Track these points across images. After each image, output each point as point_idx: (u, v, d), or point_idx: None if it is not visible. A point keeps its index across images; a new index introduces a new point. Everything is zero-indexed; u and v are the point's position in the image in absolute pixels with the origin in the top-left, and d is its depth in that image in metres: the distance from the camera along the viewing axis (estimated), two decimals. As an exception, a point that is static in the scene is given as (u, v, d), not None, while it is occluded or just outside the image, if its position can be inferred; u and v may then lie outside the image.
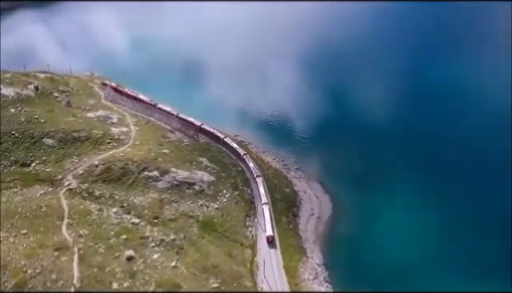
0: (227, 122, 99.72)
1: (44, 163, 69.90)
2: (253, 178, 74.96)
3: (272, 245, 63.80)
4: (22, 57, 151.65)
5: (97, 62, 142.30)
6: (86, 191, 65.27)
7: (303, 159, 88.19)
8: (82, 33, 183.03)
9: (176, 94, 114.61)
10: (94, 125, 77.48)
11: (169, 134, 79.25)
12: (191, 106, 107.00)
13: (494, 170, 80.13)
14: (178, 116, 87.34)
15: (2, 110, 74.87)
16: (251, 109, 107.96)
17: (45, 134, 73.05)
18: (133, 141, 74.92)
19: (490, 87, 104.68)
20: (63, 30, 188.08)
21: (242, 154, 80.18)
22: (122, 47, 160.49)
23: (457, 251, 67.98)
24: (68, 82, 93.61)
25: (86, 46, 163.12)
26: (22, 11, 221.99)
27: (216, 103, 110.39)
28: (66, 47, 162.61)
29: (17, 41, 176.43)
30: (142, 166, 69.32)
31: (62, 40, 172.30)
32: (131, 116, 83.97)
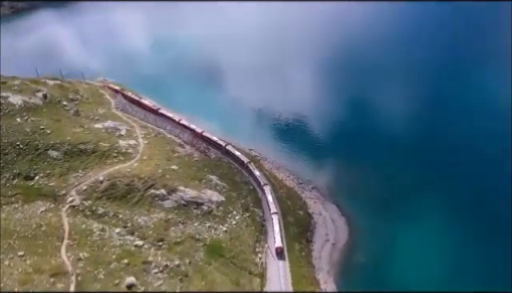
0: (242, 132, 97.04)
1: (48, 177, 67.62)
2: (260, 187, 72.62)
3: (281, 256, 61.72)
4: (40, 59, 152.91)
5: (115, 65, 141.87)
6: (88, 209, 62.66)
7: (319, 177, 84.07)
8: (102, 34, 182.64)
9: (192, 99, 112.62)
10: (101, 137, 74.98)
11: (178, 149, 76.24)
12: (206, 113, 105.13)
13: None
14: (190, 128, 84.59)
15: (9, 119, 73.08)
16: (268, 117, 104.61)
17: (50, 145, 70.84)
18: (140, 155, 72.10)
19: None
20: (83, 30, 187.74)
21: (246, 162, 77.37)
22: (141, 49, 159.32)
23: (480, 282, 63.45)
24: (78, 89, 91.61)
25: (106, 48, 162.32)
26: (42, 11, 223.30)
27: (232, 111, 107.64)
28: (85, 49, 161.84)
29: (36, 42, 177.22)
30: (149, 184, 66.40)
31: (81, 41, 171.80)
32: (140, 128, 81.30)
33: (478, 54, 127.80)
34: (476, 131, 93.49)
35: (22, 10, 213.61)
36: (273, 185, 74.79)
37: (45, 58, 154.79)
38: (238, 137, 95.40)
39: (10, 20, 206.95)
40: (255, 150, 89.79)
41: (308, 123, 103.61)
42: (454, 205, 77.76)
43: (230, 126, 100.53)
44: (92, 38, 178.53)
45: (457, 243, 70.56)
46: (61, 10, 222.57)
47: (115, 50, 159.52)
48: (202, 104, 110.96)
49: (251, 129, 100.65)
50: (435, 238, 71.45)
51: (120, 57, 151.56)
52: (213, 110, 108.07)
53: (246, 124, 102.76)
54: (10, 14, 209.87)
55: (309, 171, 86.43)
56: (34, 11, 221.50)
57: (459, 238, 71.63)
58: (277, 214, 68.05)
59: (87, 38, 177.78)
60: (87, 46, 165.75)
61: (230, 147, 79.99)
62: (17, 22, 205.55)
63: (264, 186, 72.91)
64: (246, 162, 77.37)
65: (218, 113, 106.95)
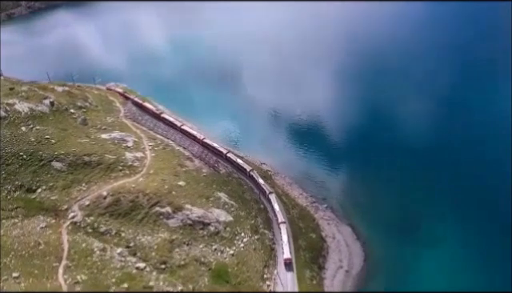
0: (256, 142, 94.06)
1: (50, 190, 65.49)
2: (265, 197, 70.81)
3: (289, 268, 59.96)
4: (53, 59, 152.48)
5: (129, 67, 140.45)
6: (90, 226, 60.21)
7: (334, 195, 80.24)
8: (118, 34, 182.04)
9: (204, 104, 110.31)
10: (107, 148, 72.61)
11: (186, 163, 73.37)
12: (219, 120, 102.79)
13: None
14: (204, 142, 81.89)
15: (13, 128, 71.28)
16: (283, 125, 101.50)
17: (54, 156, 68.76)
18: (147, 169, 69.43)
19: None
20: (99, 31, 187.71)
21: (249, 171, 75.23)
22: (157, 50, 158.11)
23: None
24: (87, 96, 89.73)
25: (121, 50, 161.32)
26: (58, 11, 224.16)
27: (247, 118, 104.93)
28: (100, 50, 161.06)
29: (51, 42, 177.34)
30: (154, 201, 63.65)
31: (97, 42, 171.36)
32: (148, 139, 78.73)
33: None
34: (503, 146, 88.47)
35: (39, 9, 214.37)
36: (284, 204, 71.44)
37: (59, 58, 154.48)
38: (252, 148, 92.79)
39: (27, 19, 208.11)
40: (267, 164, 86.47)
41: (324, 134, 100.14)
42: (478, 229, 73.31)
43: (243, 135, 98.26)
44: (108, 38, 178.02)
45: (480, 273, 66.11)
46: (77, 10, 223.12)
47: (130, 52, 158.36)
48: (214, 109, 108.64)
49: (265, 139, 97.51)
50: (458, 265, 67.23)
51: (135, 59, 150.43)
52: (226, 117, 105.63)
53: (261, 133, 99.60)
54: (27, 14, 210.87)
55: (323, 188, 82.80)
56: (50, 11, 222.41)
57: (483, 267, 67.28)
58: (285, 223, 66.41)
59: (103, 38, 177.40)
60: (102, 48, 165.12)
61: (230, 155, 77.00)
62: (33, 22, 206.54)
63: (269, 195, 70.98)
64: (249, 170, 75.84)
65: (232, 120, 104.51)
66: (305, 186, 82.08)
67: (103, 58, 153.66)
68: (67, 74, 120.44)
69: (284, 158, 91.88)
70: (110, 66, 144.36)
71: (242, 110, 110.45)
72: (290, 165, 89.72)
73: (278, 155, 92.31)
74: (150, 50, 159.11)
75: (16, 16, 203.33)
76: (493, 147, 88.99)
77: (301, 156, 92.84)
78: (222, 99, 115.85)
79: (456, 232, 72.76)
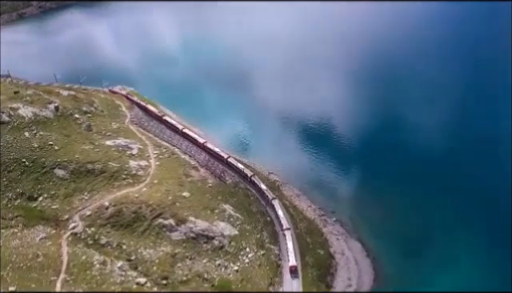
0: (264, 149, 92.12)
1: (52, 198, 64.29)
2: (269, 203, 69.55)
3: (295, 275, 58.61)
4: (63, 60, 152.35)
5: (139, 69, 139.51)
6: (91, 238, 58.75)
7: (343, 209, 77.72)
8: (129, 35, 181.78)
9: (214, 109, 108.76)
10: (111, 155, 71.23)
11: (192, 172, 71.62)
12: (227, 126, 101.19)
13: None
14: (205, 147, 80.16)
15: (17, 133, 70.28)
16: (293, 131, 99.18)
17: (57, 163, 67.54)
18: (151, 178, 67.82)
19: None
20: (110, 32, 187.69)
21: (250, 176, 73.67)
22: (168, 51, 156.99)
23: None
24: (93, 100, 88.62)
25: (131, 51, 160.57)
26: (69, 11, 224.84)
27: (256, 125, 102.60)
28: (110, 51, 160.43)
29: (61, 42, 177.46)
30: (157, 212, 61.97)
31: (107, 43, 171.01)
32: (154, 146, 77.18)
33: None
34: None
35: (50, 9, 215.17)
36: (292, 217, 69.23)
37: (68, 59, 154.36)
38: (261, 155, 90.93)
39: (38, 19, 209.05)
40: (275, 174, 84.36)
41: (335, 140, 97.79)
42: (494, 245, 70.18)
43: (253, 140, 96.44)
44: (118, 39, 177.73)
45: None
46: (88, 10, 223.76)
47: (141, 53, 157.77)
48: (224, 113, 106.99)
49: (275, 145, 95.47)
50: (473, 285, 64.29)
51: (145, 60, 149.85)
52: (235, 121, 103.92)
53: (270, 139, 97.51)
54: (38, 14, 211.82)
55: (332, 200, 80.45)
56: (61, 11, 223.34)
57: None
58: (289, 229, 64.96)
59: (113, 39, 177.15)
60: (112, 49, 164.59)
61: (231, 160, 75.19)
62: (44, 22, 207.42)
63: (272, 201, 69.53)
64: (250, 175, 74.42)
65: (241, 125, 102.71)
66: (313, 198, 79.62)
67: (113, 59, 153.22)
68: (76, 76, 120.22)
69: (293, 166, 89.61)
70: (120, 67, 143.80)
71: (252, 114, 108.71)
72: (298, 174, 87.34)
73: (287, 163, 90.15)
74: (160, 51, 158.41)
75: (27, 16, 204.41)
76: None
77: (310, 164, 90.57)
78: (232, 102, 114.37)
79: (472, 249, 69.83)
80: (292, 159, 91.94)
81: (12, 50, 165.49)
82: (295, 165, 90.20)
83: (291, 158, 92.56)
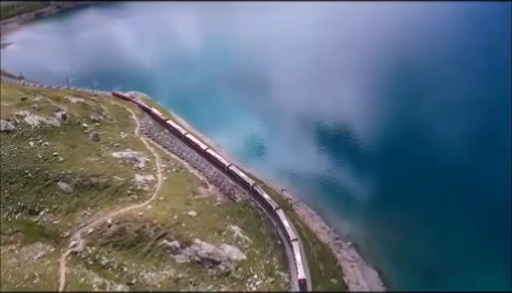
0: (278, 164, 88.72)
1: (53, 213, 62.15)
2: (271, 212, 67.04)
3: (304, 288, 56.18)
4: (78, 62, 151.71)
5: (154, 72, 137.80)
6: (91, 258, 56.30)
7: (360, 231, 73.73)
8: (147, 36, 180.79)
9: (228, 117, 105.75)
10: (116, 169, 68.86)
11: (200, 189, 68.69)
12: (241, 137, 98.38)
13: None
14: (216, 161, 77.46)
15: (21, 142, 68.71)
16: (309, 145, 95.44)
17: (60, 176, 65.47)
18: (156, 195, 65.19)
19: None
20: (128, 33, 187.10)
21: (252, 185, 71.78)
22: (186, 53, 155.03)
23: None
24: (102, 108, 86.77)
25: (148, 53, 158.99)
26: (88, 11, 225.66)
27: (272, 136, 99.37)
28: (127, 53, 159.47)
29: (77, 43, 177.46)
30: (161, 232, 59.24)
31: (124, 45, 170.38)
32: (162, 159, 74.58)
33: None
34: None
35: (68, 9, 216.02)
36: (304, 241, 65.71)
37: (83, 61, 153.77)
38: (274, 168, 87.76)
39: (56, 19, 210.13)
40: (288, 191, 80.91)
41: (353, 155, 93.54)
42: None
43: (268, 152, 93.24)
44: (135, 40, 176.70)
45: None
46: (107, 11, 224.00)
47: (158, 56, 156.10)
48: (239, 123, 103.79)
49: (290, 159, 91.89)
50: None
51: (162, 64, 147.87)
52: (251, 131, 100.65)
53: (286, 151, 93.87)
54: (56, 13, 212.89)
55: (348, 221, 76.49)
56: (79, 11, 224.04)
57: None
58: (297, 240, 62.99)
59: (130, 41, 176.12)
60: (128, 51, 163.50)
61: (258, 188, 71.64)
62: (62, 22, 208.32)
63: (276, 210, 67.45)
64: (252, 184, 71.88)
65: (257, 135, 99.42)
66: (328, 218, 75.86)
67: (128, 61, 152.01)
68: (90, 79, 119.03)
69: (308, 181, 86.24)
70: (134, 70, 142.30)
71: (269, 122, 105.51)
72: (313, 190, 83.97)
73: (302, 178, 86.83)
74: (177, 54, 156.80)
75: (45, 15, 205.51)
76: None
77: (326, 180, 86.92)
78: (249, 110, 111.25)
79: (501, 278, 65.07)
80: (307, 173, 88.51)
81: (28, 50, 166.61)
82: (310, 180, 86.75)
83: (306, 171, 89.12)
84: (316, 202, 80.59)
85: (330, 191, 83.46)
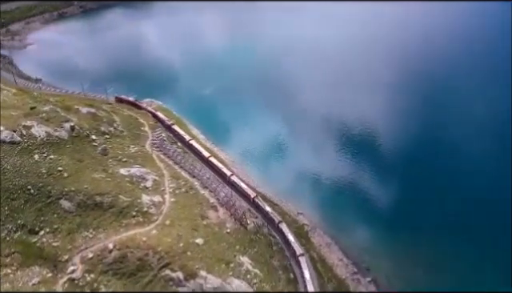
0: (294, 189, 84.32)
1: (54, 233, 59.24)
2: (285, 241, 64.42)
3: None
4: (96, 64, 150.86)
5: (177, 80, 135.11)
6: (89, 286, 53.16)
7: (380, 264, 68.80)
8: (169, 38, 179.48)
9: (246, 129, 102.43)
10: (122, 187, 65.75)
11: (209, 213, 64.90)
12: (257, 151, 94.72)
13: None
14: (230, 181, 73.77)
15: (26, 155, 66.18)
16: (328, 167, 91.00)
17: (64, 193, 62.63)
18: (163, 218, 61.72)
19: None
20: (150, 35, 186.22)
21: (253, 197, 69.77)
22: (210, 57, 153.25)
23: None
24: (114, 119, 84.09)
25: (170, 57, 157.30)
26: (111, 11, 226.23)
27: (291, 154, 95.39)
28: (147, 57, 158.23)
29: (97, 45, 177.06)
30: (165, 261, 55.65)
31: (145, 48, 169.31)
32: (171, 178, 71.13)
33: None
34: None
35: (91, 9, 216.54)
36: (319, 275, 61.29)
37: (102, 64, 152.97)
38: (290, 189, 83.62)
39: (79, 19, 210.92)
40: (305, 215, 76.49)
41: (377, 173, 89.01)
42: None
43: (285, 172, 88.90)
44: (158, 43, 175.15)
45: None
46: (131, 12, 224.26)
47: (180, 59, 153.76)
48: (257, 137, 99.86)
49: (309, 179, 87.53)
50: None
51: (183, 68, 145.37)
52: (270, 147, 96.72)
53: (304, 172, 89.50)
54: (79, 14, 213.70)
55: (368, 252, 71.61)
56: (103, 11, 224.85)
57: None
58: (303, 255, 60.80)
59: (153, 43, 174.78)
60: (151, 53, 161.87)
61: (274, 215, 67.50)
62: (84, 22, 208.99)
63: (299, 257, 63.01)
64: (253, 196, 70.63)
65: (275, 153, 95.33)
66: (347, 248, 71.31)
67: (149, 65, 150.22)
68: (107, 82, 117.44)
69: (326, 203, 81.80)
70: (154, 75, 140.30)
71: (291, 136, 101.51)
72: (331, 215, 79.43)
73: (320, 200, 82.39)
74: (200, 58, 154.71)
75: (68, 15, 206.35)
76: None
77: (346, 205, 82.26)
78: (269, 120, 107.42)
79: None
80: (327, 195, 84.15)
81: (49, 51, 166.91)
82: (329, 202, 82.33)
83: (326, 193, 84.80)
84: (334, 229, 76.24)
85: (350, 216, 78.97)
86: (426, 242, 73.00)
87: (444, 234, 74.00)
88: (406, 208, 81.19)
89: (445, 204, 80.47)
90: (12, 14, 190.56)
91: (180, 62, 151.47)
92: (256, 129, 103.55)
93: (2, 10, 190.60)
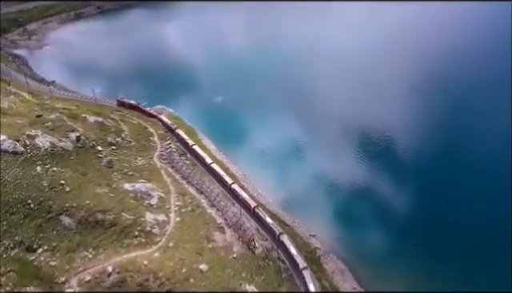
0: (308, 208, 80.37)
1: (52, 252, 56.98)
2: (295, 267, 60.65)
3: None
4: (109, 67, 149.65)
5: (192, 85, 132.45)
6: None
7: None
8: (187, 40, 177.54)
9: (263, 140, 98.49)
10: (126, 204, 63.24)
11: (215, 236, 61.80)
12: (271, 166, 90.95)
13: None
14: (241, 199, 70.62)
15: (28, 167, 64.36)
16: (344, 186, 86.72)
17: (64, 209, 60.43)
18: (166, 240, 58.97)
19: None
20: (167, 36, 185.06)
21: (253, 207, 67.10)
22: (232, 61, 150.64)
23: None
24: (121, 128, 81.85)
25: (191, 60, 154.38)
26: (129, 12, 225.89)
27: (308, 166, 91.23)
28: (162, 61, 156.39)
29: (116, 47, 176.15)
30: (166, 288, 52.93)
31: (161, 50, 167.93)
32: (178, 195, 68.36)
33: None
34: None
35: (108, 10, 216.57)
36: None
37: (117, 65, 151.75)
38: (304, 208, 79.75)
39: (96, 20, 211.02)
40: (317, 238, 72.60)
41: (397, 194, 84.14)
42: None
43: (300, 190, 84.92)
44: (175, 45, 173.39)
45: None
46: (149, 12, 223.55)
47: (198, 63, 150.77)
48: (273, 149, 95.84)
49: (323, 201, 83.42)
50: None
51: (199, 73, 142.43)
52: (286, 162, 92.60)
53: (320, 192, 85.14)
54: (96, 14, 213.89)
55: (384, 281, 67.28)
56: (120, 12, 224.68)
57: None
58: (307, 268, 58.31)
59: (170, 46, 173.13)
60: (168, 56, 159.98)
61: (285, 240, 63.94)
62: (101, 23, 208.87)
63: (280, 236, 63.17)
64: (253, 206, 67.93)
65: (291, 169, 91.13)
66: (361, 277, 67.09)
67: (165, 68, 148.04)
68: (120, 87, 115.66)
69: (341, 224, 77.70)
70: (169, 79, 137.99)
71: (309, 150, 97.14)
72: (346, 236, 75.31)
73: (336, 219, 78.34)
74: (219, 61, 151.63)
75: (85, 15, 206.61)
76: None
77: (362, 224, 78.04)
78: (288, 131, 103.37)
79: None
80: (342, 213, 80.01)
81: (65, 52, 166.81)
82: (344, 221, 78.23)
83: (341, 211, 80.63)
84: (349, 252, 72.19)
85: (367, 238, 74.79)
86: (451, 271, 68.31)
87: (470, 261, 69.30)
88: (431, 231, 76.42)
89: (472, 229, 75.63)
90: (30, 13, 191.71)
91: (198, 65, 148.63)
92: (272, 139, 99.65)
93: (20, 9, 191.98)
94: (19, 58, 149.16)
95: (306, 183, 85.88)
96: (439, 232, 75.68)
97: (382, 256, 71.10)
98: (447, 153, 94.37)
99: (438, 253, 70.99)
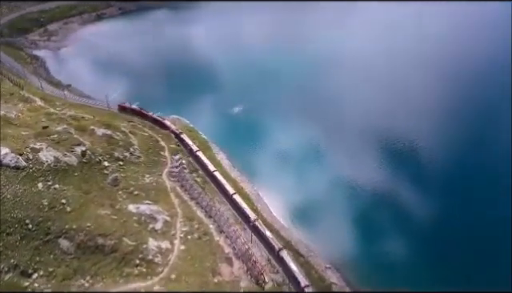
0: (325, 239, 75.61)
1: (48, 278, 54.21)
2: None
3: None
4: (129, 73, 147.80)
5: (213, 93, 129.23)
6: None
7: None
8: (213, 45, 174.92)
9: (280, 154, 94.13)
10: (129, 228, 60.08)
11: (222, 267, 57.94)
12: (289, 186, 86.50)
13: None
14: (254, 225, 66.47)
15: (29, 183, 61.88)
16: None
17: (63, 231, 57.69)
18: (168, 271, 55.50)
19: None
20: (187, 39, 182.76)
21: (253, 221, 63.92)
22: (257, 66, 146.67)
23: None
24: (131, 142, 78.86)
25: (213, 66, 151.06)
26: (151, 13, 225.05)
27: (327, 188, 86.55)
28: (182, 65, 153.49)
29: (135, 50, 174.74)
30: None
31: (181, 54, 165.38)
32: (184, 219, 64.79)
33: None
34: None
35: (130, 11, 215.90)
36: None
37: (135, 71, 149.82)
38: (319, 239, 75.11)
39: (117, 21, 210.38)
40: (333, 270, 67.91)
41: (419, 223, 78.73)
42: None
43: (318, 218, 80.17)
44: (198, 49, 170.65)
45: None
46: (173, 13, 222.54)
47: (219, 70, 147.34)
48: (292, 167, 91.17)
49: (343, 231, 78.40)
50: None
51: (219, 80, 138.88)
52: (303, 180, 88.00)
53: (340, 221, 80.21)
54: (118, 15, 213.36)
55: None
56: (142, 13, 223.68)
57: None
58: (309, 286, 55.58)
59: (193, 49, 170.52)
60: (188, 61, 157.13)
61: (272, 239, 60.43)
62: (122, 24, 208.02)
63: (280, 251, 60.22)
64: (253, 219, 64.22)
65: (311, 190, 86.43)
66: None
67: (184, 75, 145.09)
68: (135, 95, 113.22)
69: (357, 256, 72.79)
70: (187, 87, 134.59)
71: (333, 170, 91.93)
72: (365, 270, 70.37)
73: (352, 252, 73.48)
74: (242, 66, 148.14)
75: (106, 16, 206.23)
76: None
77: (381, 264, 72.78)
78: (309, 143, 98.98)
79: None
80: (360, 241, 75.10)
81: (84, 54, 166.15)
82: (360, 255, 73.27)
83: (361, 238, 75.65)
84: (368, 288, 67.29)
85: (386, 273, 69.73)
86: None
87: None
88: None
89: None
90: (52, 12, 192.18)
91: (219, 70, 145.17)
92: (290, 154, 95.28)
93: (42, 8, 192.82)
94: (37, 59, 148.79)
95: (328, 205, 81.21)
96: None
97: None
98: (474, 163, 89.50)
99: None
